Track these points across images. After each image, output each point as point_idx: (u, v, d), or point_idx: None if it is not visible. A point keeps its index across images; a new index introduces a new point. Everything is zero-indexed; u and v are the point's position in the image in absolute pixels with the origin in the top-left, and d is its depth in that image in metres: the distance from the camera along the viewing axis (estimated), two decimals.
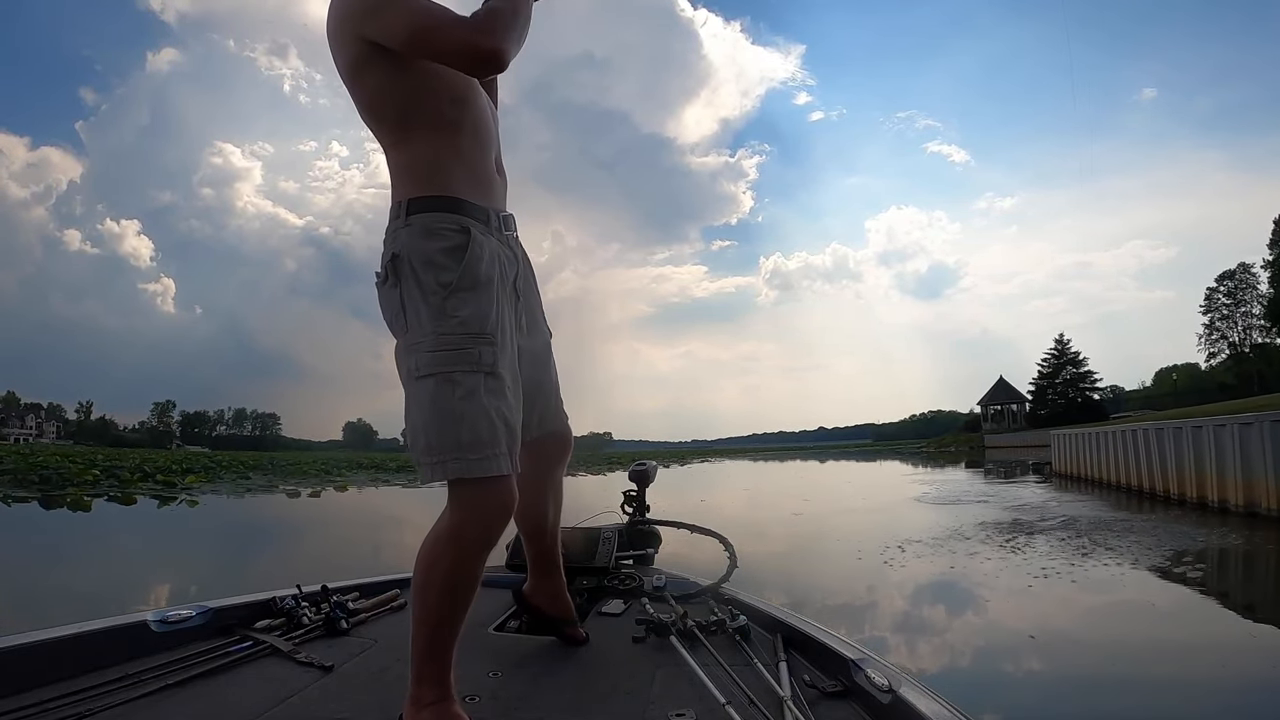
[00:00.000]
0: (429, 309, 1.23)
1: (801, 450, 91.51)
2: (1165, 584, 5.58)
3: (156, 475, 19.68)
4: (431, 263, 1.24)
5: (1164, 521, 9.00)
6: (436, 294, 1.23)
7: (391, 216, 1.29)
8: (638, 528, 2.61)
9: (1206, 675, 3.56)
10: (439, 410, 1.21)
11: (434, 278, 1.23)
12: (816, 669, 1.52)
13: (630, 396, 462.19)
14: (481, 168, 1.36)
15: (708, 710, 1.30)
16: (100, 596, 5.46)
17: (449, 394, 1.21)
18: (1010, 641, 4.18)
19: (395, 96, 1.28)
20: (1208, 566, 6.27)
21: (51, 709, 1.27)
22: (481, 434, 1.21)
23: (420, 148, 1.29)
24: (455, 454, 1.20)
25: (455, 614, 1.24)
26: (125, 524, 11.44)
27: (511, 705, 1.37)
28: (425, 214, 1.26)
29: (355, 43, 1.25)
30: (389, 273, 1.26)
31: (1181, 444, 10.68)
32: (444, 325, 1.22)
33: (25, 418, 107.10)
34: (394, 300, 1.26)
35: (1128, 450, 13.05)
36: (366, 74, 1.27)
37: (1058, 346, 60.67)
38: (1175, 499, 10.77)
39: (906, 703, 1.21)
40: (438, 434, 1.21)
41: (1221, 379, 55.72)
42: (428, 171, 1.28)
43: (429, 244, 1.24)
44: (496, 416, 1.23)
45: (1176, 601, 5.12)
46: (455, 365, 1.22)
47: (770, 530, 9.37)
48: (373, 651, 1.66)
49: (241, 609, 1.83)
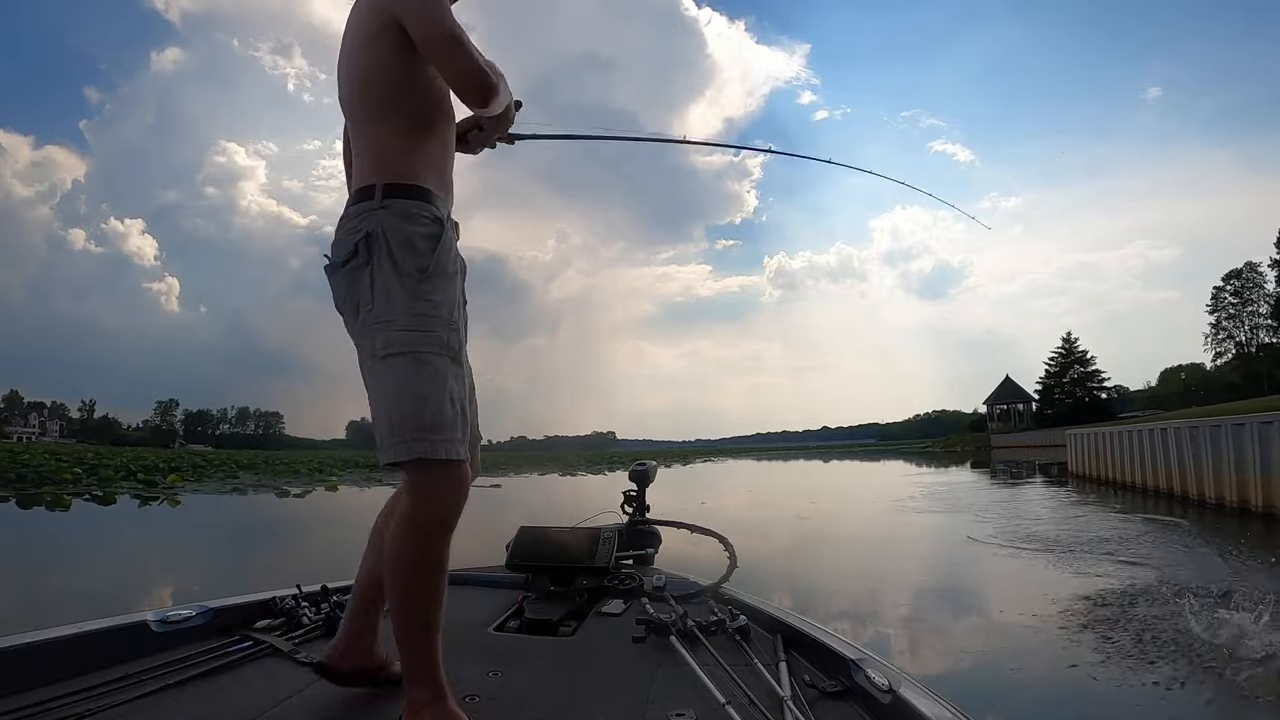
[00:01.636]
0: (404, 289, 1.24)
1: (805, 450, 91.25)
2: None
3: (138, 474, 19.28)
4: (411, 245, 1.25)
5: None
6: (411, 276, 1.25)
7: (358, 198, 1.30)
8: (638, 528, 2.61)
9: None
10: (405, 389, 1.22)
11: (411, 260, 1.25)
12: (816, 669, 1.52)
13: (634, 396, 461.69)
14: (446, 175, 1.40)
15: (708, 710, 1.30)
16: (48, 604, 5.20)
17: (417, 374, 1.22)
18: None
19: (391, 79, 1.32)
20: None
21: (52, 709, 1.28)
22: (445, 417, 1.23)
23: (402, 138, 1.32)
24: (420, 434, 1.21)
25: (431, 605, 1.23)
26: (99, 524, 11.18)
27: (511, 705, 1.38)
28: (403, 199, 1.28)
29: (383, 15, 1.29)
30: (360, 250, 1.26)
31: (1220, 443, 9.84)
32: (418, 307, 1.24)
33: (28, 416, 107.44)
34: (361, 278, 1.26)
35: (1157, 450, 12.09)
36: (376, 48, 1.31)
37: (1065, 345, 60.24)
38: (1212, 503, 10.03)
39: (906, 703, 1.21)
40: (403, 413, 1.22)
41: (1229, 378, 55.13)
42: (406, 162, 1.31)
43: (409, 227, 1.26)
44: (458, 401, 1.26)
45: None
46: (425, 346, 1.23)
47: (775, 532, 8.87)
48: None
49: (241, 609, 1.82)
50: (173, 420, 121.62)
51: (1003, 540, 7.77)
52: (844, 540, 8.57)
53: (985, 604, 5.41)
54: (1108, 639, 3.89)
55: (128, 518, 11.85)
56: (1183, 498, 10.86)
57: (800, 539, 8.79)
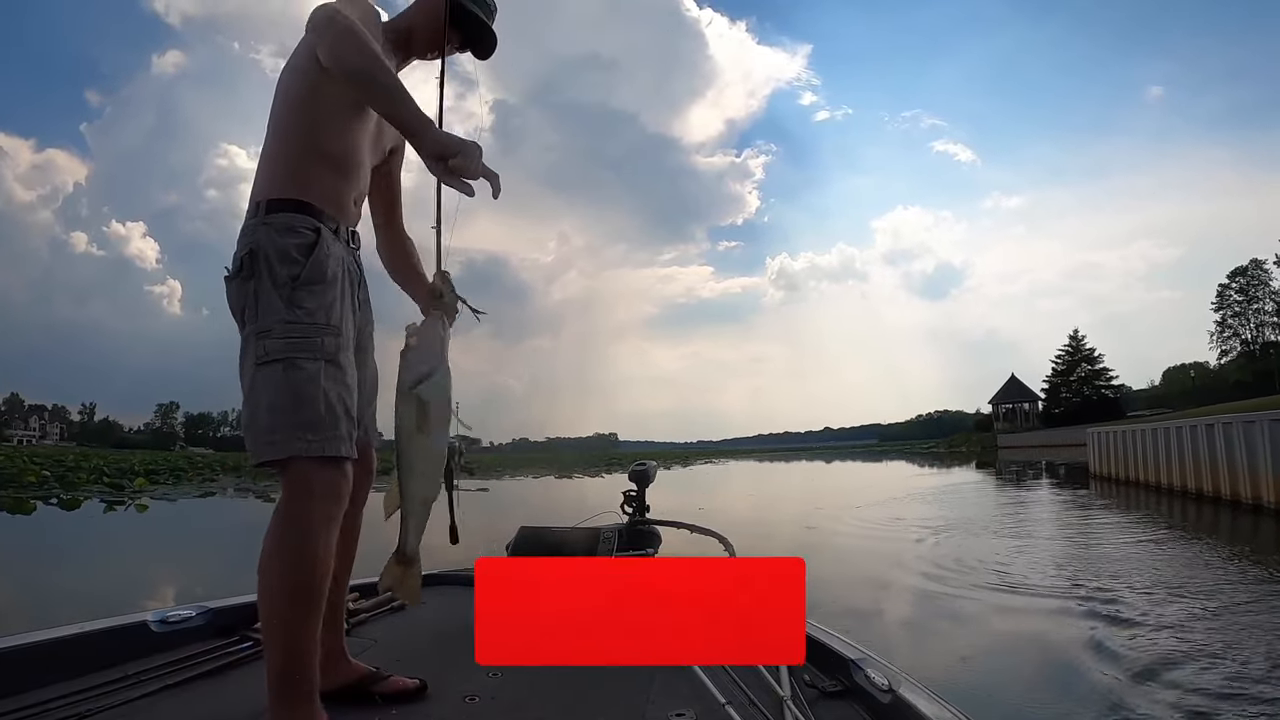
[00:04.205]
0: (279, 299, 1.28)
1: (807, 451, 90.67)
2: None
3: (106, 478, 18.87)
4: (285, 257, 1.30)
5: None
6: (285, 285, 1.29)
7: (248, 215, 1.36)
8: (637, 527, 2.61)
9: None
10: (280, 393, 1.25)
11: (286, 271, 1.29)
12: (816, 669, 1.52)
13: (636, 397, 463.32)
14: (337, 192, 1.42)
15: (708, 710, 1.32)
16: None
17: (291, 378, 1.26)
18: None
19: (291, 98, 1.39)
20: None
21: (52, 709, 1.29)
22: (321, 415, 1.26)
23: (292, 158, 1.38)
24: (295, 433, 1.24)
25: (305, 615, 1.22)
26: (51, 529, 10.36)
27: (511, 705, 1.40)
28: (283, 213, 1.33)
29: (305, 38, 1.40)
30: (243, 265, 1.31)
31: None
32: (291, 314, 1.28)
33: (29, 419, 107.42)
34: (246, 292, 1.30)
35: (1219, 449, 10.24)
36: (286, 72, 1.42)
37: (1072, 343, 59.43)
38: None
39: (906, 703, 1.22)
40: (279, 414, 1.24)
41: (1235, 377, 54.37)
42: (290, 179, 1.36)
43: (284, 240, 1.31)
44: (336, 401, 1.28)
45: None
46: (299, 352, 1.27)
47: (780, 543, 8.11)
48: (373, 651, 1.68)
49: (241, 609, 1.82)
50: (173, 423, 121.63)
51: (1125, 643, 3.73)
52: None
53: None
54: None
55: (86, 523, 11.26)
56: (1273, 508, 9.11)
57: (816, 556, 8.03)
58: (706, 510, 11.10)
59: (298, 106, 1.37)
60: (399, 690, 1.44)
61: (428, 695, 1.44)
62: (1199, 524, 9.04)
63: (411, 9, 1.57)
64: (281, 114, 1.39)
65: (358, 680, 1.44)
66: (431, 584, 2.39)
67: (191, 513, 13.15)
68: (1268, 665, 3.27)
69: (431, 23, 1.51)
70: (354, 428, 1.31)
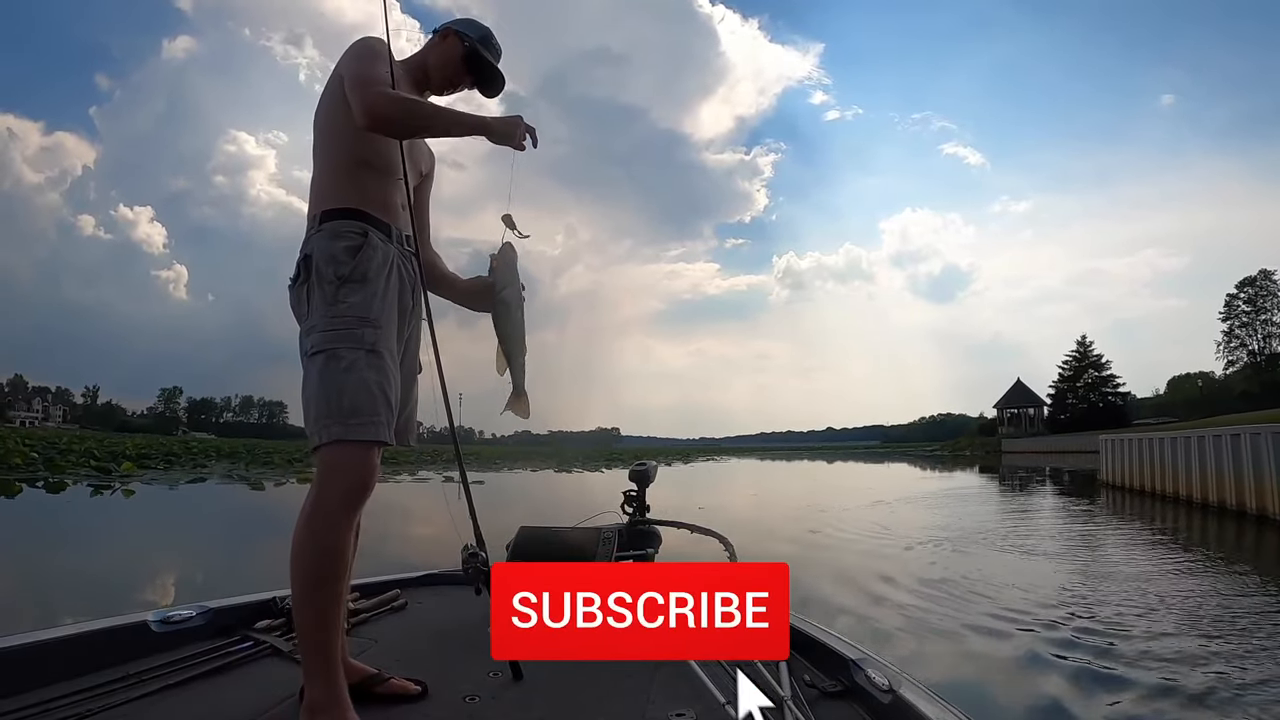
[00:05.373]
0: (324, 297, 1.42)
1: (809, 450, 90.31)
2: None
3: (94, 461, 18.66)
4: (334, 259, 1.44)
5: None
6: (332, 284, 1.43)
7: (307, 228, 1.52)
8: (638, 527, 2.62)
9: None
10: (324, 382, 1.37)
11: (332, 270, 1.43)
12: (816, 669, 1.54)
13: (640, 392, 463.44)
14: (384, 194, 1.56)
15: (708, 710, 1.36)
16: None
17: (334, 368, 1.37)
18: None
19: (331, 124, 1.54)
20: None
21: (52, 709, 1.31)
22: (360, 402, 1.36)
23: (339, 173, 1.53)
24: (337, 419, 1.35)
25: (328, 597, 1.31)
26: (38, 513, 10.09)
27: (511, 705, 1.42)
28: (333, 221, 1.49)
29: (337, 71, 1.54)
30: (300, 271, 1.46)
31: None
32: (335, 309, 1.41)
33: (32, 401, 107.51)
34: (301, 295, 1.45)
35: (1246, 461, 9.56)
36: (326, 97, 1.56)
37: (1079, 349, 58.91)
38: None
39: (906, 703, 1.23)
40: (323, 402, 1.36)
41: (1242, 387, 53.81)
42: (341, 191, 1.51)
43: (334, 244, 1.45)
44: (375, 388, 1.39)
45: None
46: (340, 343, 1.39)
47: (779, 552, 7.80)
48: (373, 651, 1.70)
49: (241, 609, 1.84)
50: (176, 408, 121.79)
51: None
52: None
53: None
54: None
55: (77, 507, 11.01)
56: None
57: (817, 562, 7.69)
58: (707, 509, 10.86)
59: (339, 131, 1.51)
60: (399, 693, 1.50)
61: (428, 696, 1.47)
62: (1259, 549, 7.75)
63: (425, 51, 1.72)
64: (325, 138, 1.54)
65: (358, 681, 1.48)
66: (431, 584, 2.48)
67: (176, 498, 12.90)
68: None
69: (446, 66, 1.69)
70: (393, 416, 1.41)
